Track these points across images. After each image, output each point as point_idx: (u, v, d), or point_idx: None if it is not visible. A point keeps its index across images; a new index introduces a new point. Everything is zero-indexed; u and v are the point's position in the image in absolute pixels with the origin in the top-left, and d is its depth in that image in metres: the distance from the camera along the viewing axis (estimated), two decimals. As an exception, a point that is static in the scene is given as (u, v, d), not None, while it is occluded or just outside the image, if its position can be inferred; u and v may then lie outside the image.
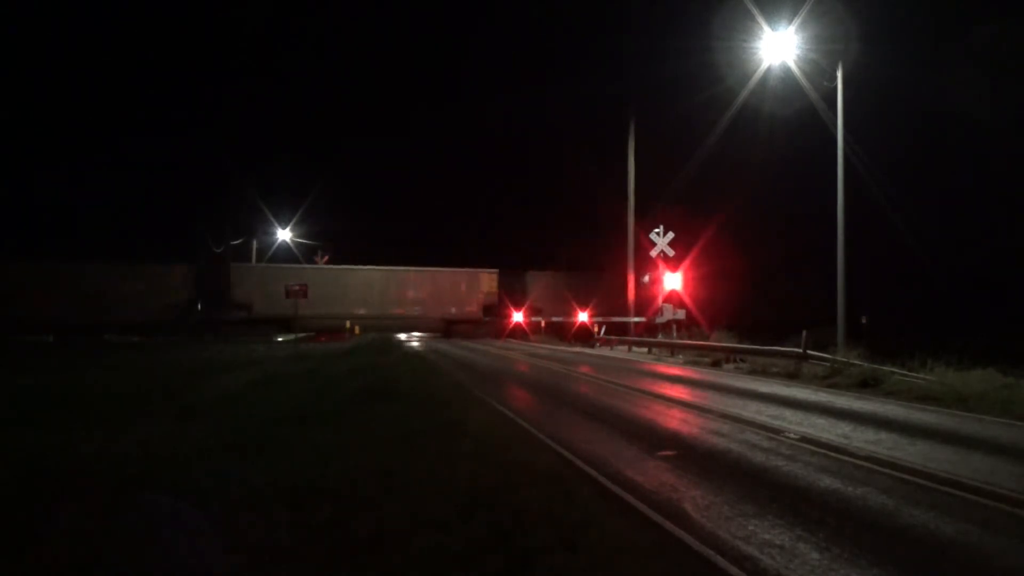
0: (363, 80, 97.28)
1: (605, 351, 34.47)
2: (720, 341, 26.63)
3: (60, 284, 40.85)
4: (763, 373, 20.83)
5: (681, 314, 34.05)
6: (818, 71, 22.84)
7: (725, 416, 12.71)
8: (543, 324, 46.38)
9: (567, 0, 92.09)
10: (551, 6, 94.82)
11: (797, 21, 22.52)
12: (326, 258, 56.62)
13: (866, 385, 16.75)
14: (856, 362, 18.35)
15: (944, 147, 46.90)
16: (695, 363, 25.43)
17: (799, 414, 12.96)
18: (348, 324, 45.02)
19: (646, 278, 37.23)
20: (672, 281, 34.09)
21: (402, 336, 47.86)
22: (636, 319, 38.83)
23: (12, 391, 15.10)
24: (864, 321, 25.11)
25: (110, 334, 39.30)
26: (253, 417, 11.62)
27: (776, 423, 11.88)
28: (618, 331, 38.68)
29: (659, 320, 34.69)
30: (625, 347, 34.74)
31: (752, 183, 49.27)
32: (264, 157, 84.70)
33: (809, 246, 38.07)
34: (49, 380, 17.17)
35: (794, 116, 30.34)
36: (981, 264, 40.78)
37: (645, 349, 32.57)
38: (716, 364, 24.23)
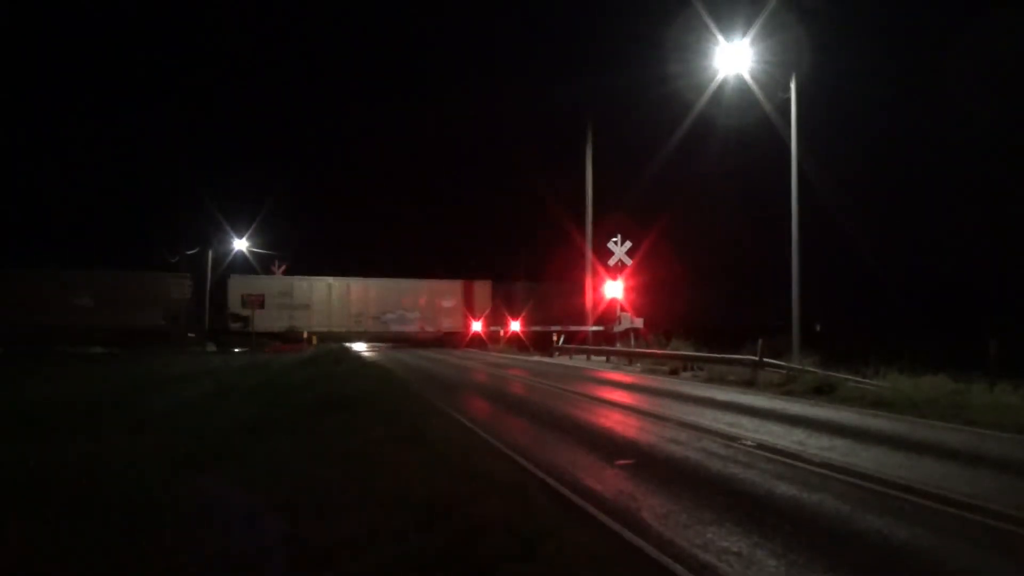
0: (317, 90, 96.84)
1: (564, 360, 34.53)
2: (677, 349, 26.80)
3: None
4: (720, 381, 20.99)
5: (639, 323, 34.21)
6: (773, 82, 23.16)
7: (683, 424, 12.76)
8: (502, 334, 46.33)
9: (523, 12, 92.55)
10: (507, 13, 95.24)
11: (752, 33, 22.82)
12: (283, 268, 55.98)
13: (820, 392, 16.95)
14: (811, 369, 18.56)
15: (894, 156, 47.86)
16: (653, 371, 25.56)
17: (755, 421, 13.06)
18: (306, 334, 44.50)
19: (606, 287, 37.38)
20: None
21: (361, 346, 47.46)
22: (594, 328, 38.94)
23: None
24: (818, 328, 25.44)
25: None
26: (207, 429, 11.39)
27: (733, 430, 11.95)
28: (577, 340, 38.76)
29: (617, 329, 34.81)
30: (584, 356, 34.83)
31: (708, 192, 49.85)
32: (221, 166, 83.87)
33: (764, 254, 38.58)
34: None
35: (749, 126, 30.78)
36: (932, 270, 41.65)
37: (603, 358, 32.68)
38: (674, 372, 24.37)
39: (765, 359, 19.95)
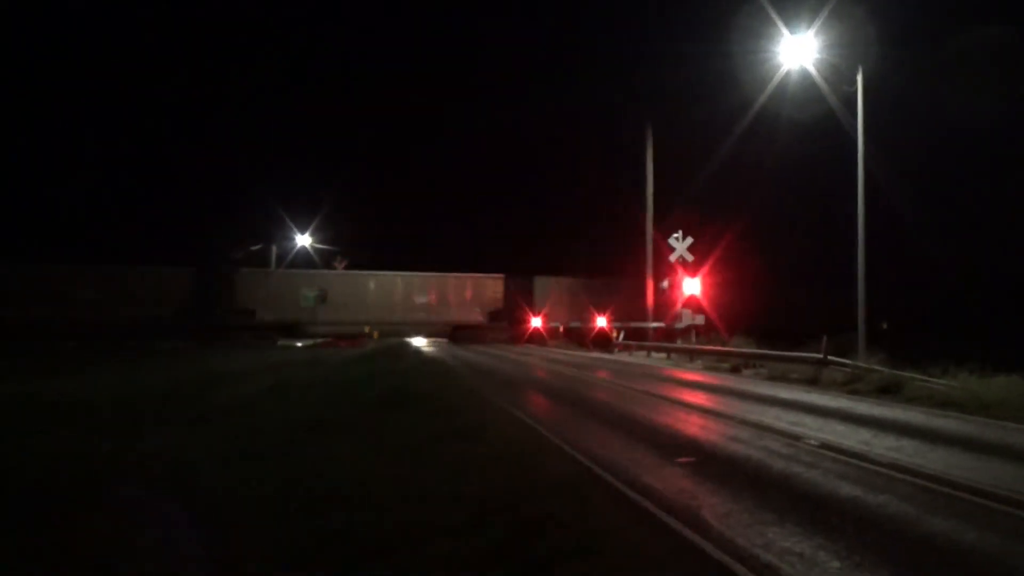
0: (378, 86, 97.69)
1: (624, 356, 34.37)
2: (739, 347, 26.50)
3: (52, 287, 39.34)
4: (782, 379, 20.69)
5: (700, 319, 33.90)
6: (837, 75, 22.70)
7: (744, 422, 12.63)
8: (562, 329, 46.33)
9: (581, 4, 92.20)
10: (566, 10, 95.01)
11: (817, 25, 22.42)
12: (344, 263, 56.71)
13: (887, 391, 16.61)
14: (876, 368, 18.18)
15: (965, 150, 46.49)
16: (714, 368, 25.32)
17: (819, 420, 12.86)
18: (368, 329, 45.09)
19: (665, 283, 37.12)
20: (691, 287, 33.89)
21: (420, 341, 47.93)
22: (655, 324, 38.70)
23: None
24: (884, 327, 24.88)
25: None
26: (269, 424, 11.65)
27: (796, 429, 11.79)
28: (637, 336, 38.58)
29: (678, 326, 34.58)
30: (644, 352, 34.64)
31: (770, 188, 49.08)
32: (283, 162, 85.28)
33: (828, 251, 37.85)
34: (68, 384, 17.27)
35: (813, 121, 30.21)
36: (1004, 268, 40.39)
37: (664, 354, 32.46)
38: (735, 370, 24.11)
39: (829, 357, 19.61)
